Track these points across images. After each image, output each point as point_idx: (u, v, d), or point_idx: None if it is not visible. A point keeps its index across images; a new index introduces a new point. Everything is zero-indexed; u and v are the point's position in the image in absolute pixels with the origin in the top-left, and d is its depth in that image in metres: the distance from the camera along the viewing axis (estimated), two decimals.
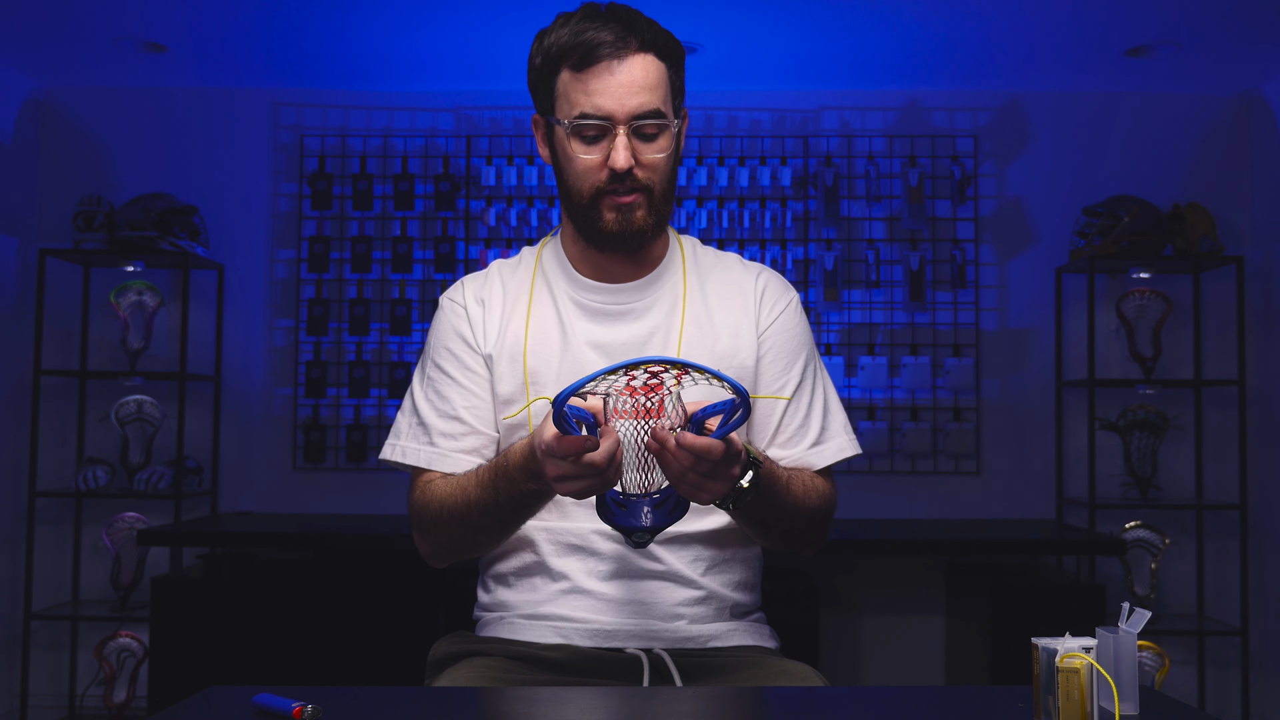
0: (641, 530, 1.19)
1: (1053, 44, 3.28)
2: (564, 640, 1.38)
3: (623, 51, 1.34)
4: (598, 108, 1.34)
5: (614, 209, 1.37)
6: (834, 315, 3.64)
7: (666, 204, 1.41)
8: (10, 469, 3.56)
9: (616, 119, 1.34)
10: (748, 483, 1.23)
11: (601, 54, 1.33)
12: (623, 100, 1.33)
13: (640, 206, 1.37)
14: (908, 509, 3.61)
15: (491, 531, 1.36)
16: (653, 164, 1.37)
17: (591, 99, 1.34)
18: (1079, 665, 1.02)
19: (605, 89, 1.34)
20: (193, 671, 3.03)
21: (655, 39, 1.37)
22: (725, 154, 3.66)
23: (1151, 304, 3.51)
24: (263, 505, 3.68)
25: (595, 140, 1.36)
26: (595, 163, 1.36)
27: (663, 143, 1.37)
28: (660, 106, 1.36)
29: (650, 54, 1.36)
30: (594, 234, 1.40)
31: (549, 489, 1.23)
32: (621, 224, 1.37)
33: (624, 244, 1.40)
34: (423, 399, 1.46)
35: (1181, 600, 3.58)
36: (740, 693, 1.25)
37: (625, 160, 1.34)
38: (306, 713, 1.05)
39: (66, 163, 3.72)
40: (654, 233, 1.41)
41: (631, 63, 1.34)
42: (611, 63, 1.34)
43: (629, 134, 1.34)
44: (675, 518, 1.20)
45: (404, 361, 3.63)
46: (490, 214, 3.62)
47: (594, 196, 1.37)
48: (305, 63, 3.49)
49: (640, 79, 1.34)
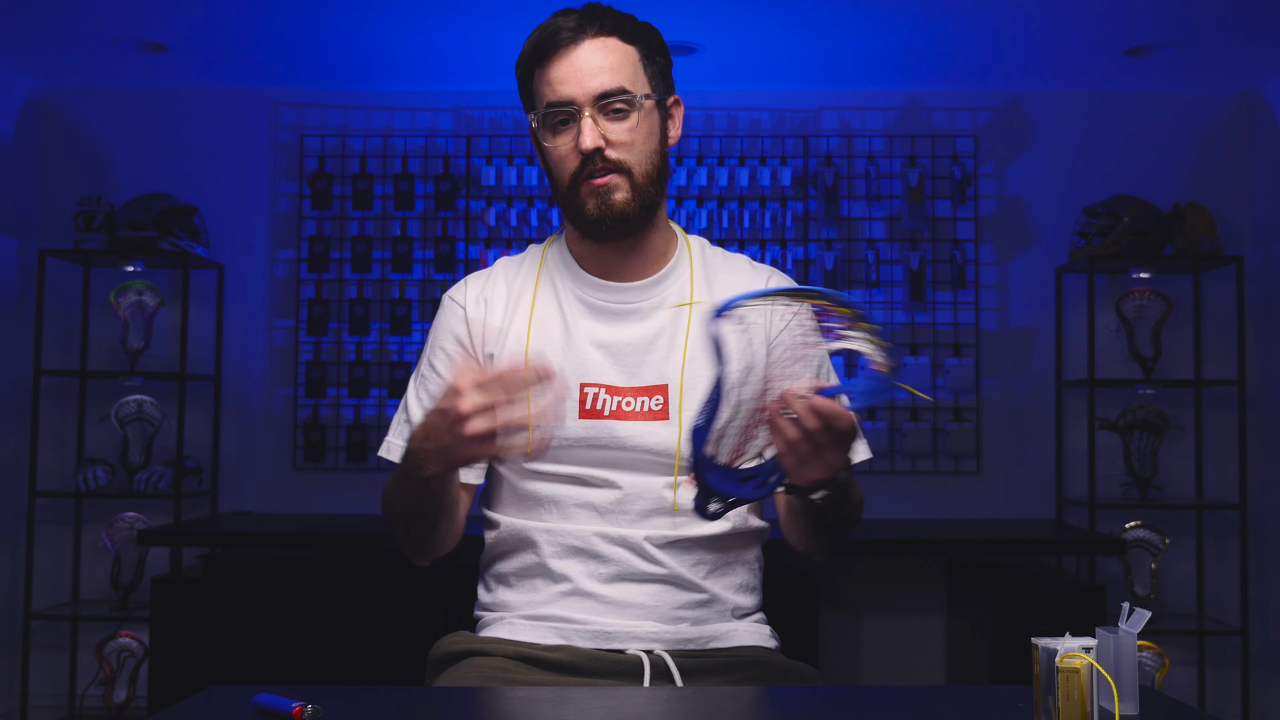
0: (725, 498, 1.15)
1: (1053, 44, 3.28)
2: (564, 641, 1.38)
3: (579, 36, 1.35)
4: (559, 94, 1.35)
5: (592, 194, 1.36)
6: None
7: (653, 187, 1.39)
8: (10, 469, 3.56)
9: (578, 101, 1.34)
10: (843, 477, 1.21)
11: (560, 40, 1.35)
12: (582, 82, 1.34)
13: (619, 189, 1.36)
14: (908, 509, 3.61)
15: (412, 524, 1.35)
16: (626, 143, 1.36)
17: (554, 87, 1.35)
18: (1079, 665, 1.02)
19: (565, 75, 1.35)
20: (193, 671, 3.02)
21: (619, 24, 1.38)
22: (725, 154, 3.66)
23: (1151, 304, 3.51)
24: (263, 505, 3.68)
25: (565, 126, 1.37)
26: (568, 149, 1.36)
27: (634, 121, 1.36)
28: (625, 85, 1.35)
29: (612, 37, 1.37)
30: (580, 223, 1.39)
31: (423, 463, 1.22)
32: (601, 208, 1.36)
33: (609, 230, 1.38)
34: (414, 397, 1.47)
35: (1181, 600, 3.58)
36: (740, 693, 1.25)
37: (591, 140, 1.34)
38: (306, 713, 1.04)
39: (66, 163, 3.72)
40: (641, 218, 1.39)
41: (589, 45, 1.35)
42: (569, 49, 1.35)
43: (595, 114, 1.35)
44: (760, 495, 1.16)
45: (404, 361, 3.63)
46: (490, 214, 3.62)
47: (573, 184, 1.37)
48: (305, 63, 3.49)
49: (600, 60, 1.35)
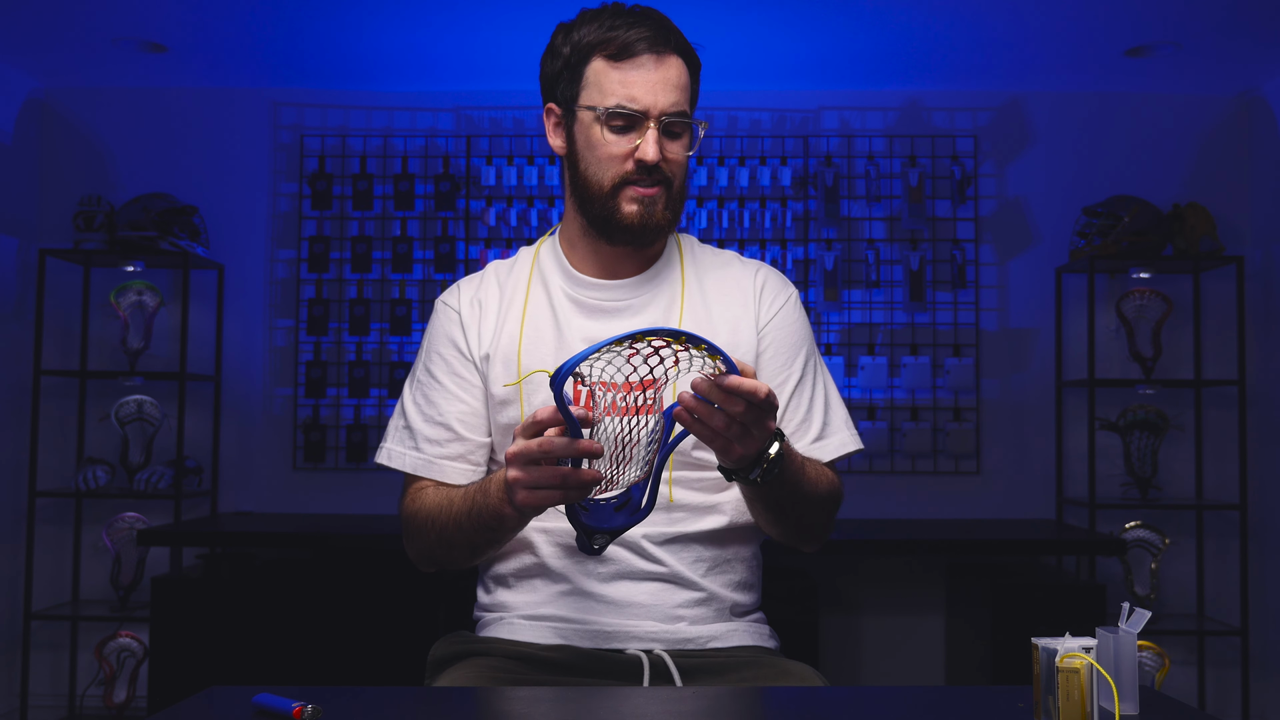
0: (606, 532, 1.17)
1: (1053, 44, 3.28)
2: (564, 641, 1.38)
3: (661, 49, 1.38)
4: (634, 99, 1.36)
5: (636, 200, 1.39)
6: (834, 315, 3.64)
7: (682, 203, 1.45)
8: (10, 469, 3.56)
9: (650, 113, 1.37)
10: (774, 451, 1.22)
11: (640, 48, 1.37)
12: (658, 96, 1.37)
13: (660, 200, 1.40)
14: (908, 509, 3.61)
15: (460, 549, 1.35)
16: (678, 160, 1.40)
17: (628, 89, 1.36)
18: (1079, 665, 1.02)
19: (643, 82, 1.37)
20: (193, 671, 3.03)
21: (685, 48, 1.42)
22: (725, 154, 3.66)
23: (1151, 304, 3.51)
24: (263, 505, 3.68)
25: (624, 131, 1.38)
26: (622, 152, 1.38)
27: (685, 142, 1.41)
28: (687, 108, 1.40)
29: (681, 58, 1.40)
30: (610, 225, 1.40)
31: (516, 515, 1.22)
32: (643, 216, 1.39)
33: (641, 237, 1.41)
34: (411, 403, 1.47)
35: (1181, 600, 3.58)
36: (740, 693, 1.25)
37: (655, 153, 1.36)
38: (306, 713, 1.04)
39: (66, 163, 3.72)
40: (669, 229, 1.43)
41: (668, 61, 1.38)
42: (650, 58, 1.37)
43: (659, 128, 1.37)
44: (637, 520, 1.17)
45: (404, 361, 3.63)
46: (490, 214, 3.62)
47: (615, 186, 1.39)
48: (305, 63, 3.49)
49: (675, 78, 1.38)
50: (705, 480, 1.42)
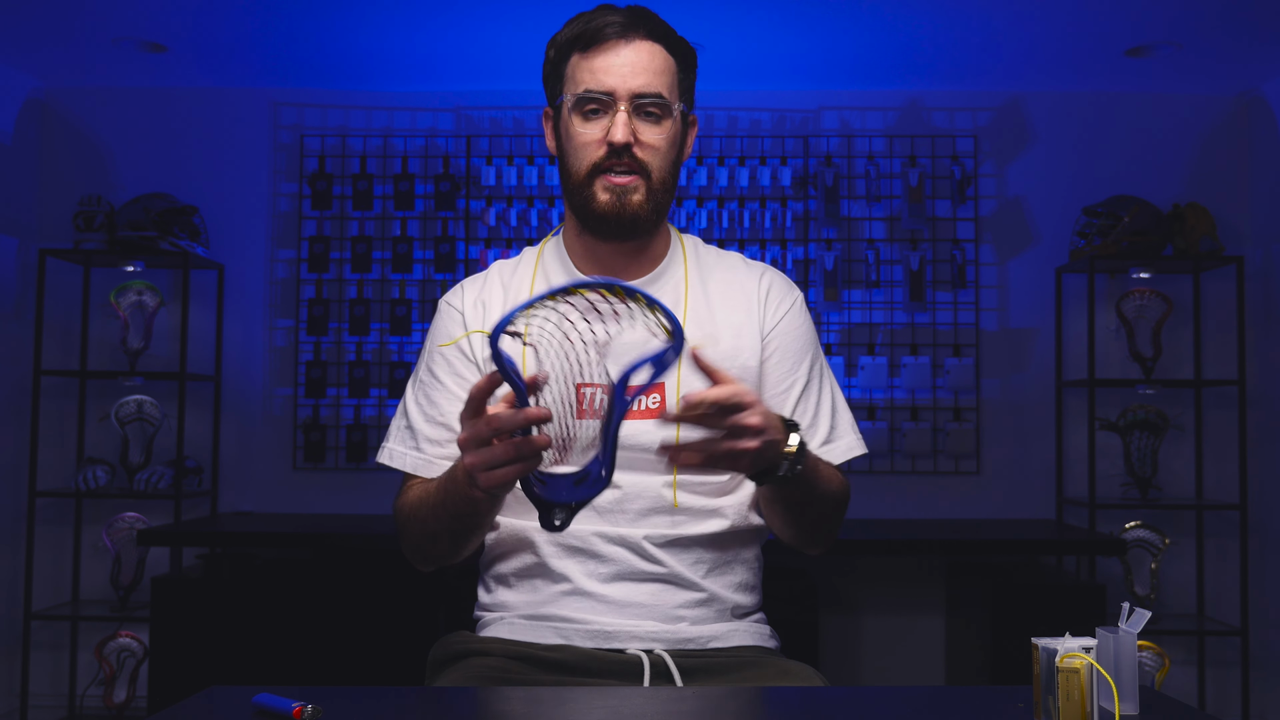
0: (564, 505, 1.13)
1: (1053, 44, 3.28)
2: (564, 641, 1.38)
3: (629, 34, 1.37)
4: (600, 84, 1.36)
5: (609, 189, 1.37)
6: (834, 315, 3.64)
7: (665, 195, 1.41)
8: (10, 469, 3.56)
9: (618, 95, 1.36)
10: (795, 443, 1.21)
11: (608, 34, 1.37)
12: (625, 78, 1.36)
13: (637, 190, 1.37)
14: (908, 509, 3.61)
15: (443, 539, 1.34)
16: (653, 145, 1.38)
17: (595, 75, 1.37)
18: (1079, 665, 1.02)
19: (609, 66, 1.36)
20: (193, 671, 3.03)
21: (666, 34, 1.40)
22: (725, 154, 3.66)
23: (1151, 304, 3.51)
24: (263, 505, 3.68)
25: (596, 116, 1.37)
26: (594, 138, 1.37)
27: (665, 128, 1.38)
28: (663, 92, 1.38)
29: (657, 44, 1.39)
30: (588, 215, 1.39)
31: (486, 497, 1.20)
32: (616, 206, 1.37)
33: (618, 228, 1.39)
34: (413, 403, 1.47)
35: (1181, 600, 3.58)
36: (740, 693, 1.25)
37: (624, 135, 1.35)
38: (306, 713, 1.04)
39: (66, 163, 3.72)
40: (650, 222, 1.40)
41: (637, 45, 1.37)
42: (617, 43, 1.37)
43: (630, 111, 1.36)
44: (595, 491, 1.13)
45: (404, 362, 3.63)
46: (490, 214, 3.62)
47: (590, 174, 1.38)
48: (305, 63, 3.49)
49: (645, 61, 1.37)
50: (708, 484, 1.42)
